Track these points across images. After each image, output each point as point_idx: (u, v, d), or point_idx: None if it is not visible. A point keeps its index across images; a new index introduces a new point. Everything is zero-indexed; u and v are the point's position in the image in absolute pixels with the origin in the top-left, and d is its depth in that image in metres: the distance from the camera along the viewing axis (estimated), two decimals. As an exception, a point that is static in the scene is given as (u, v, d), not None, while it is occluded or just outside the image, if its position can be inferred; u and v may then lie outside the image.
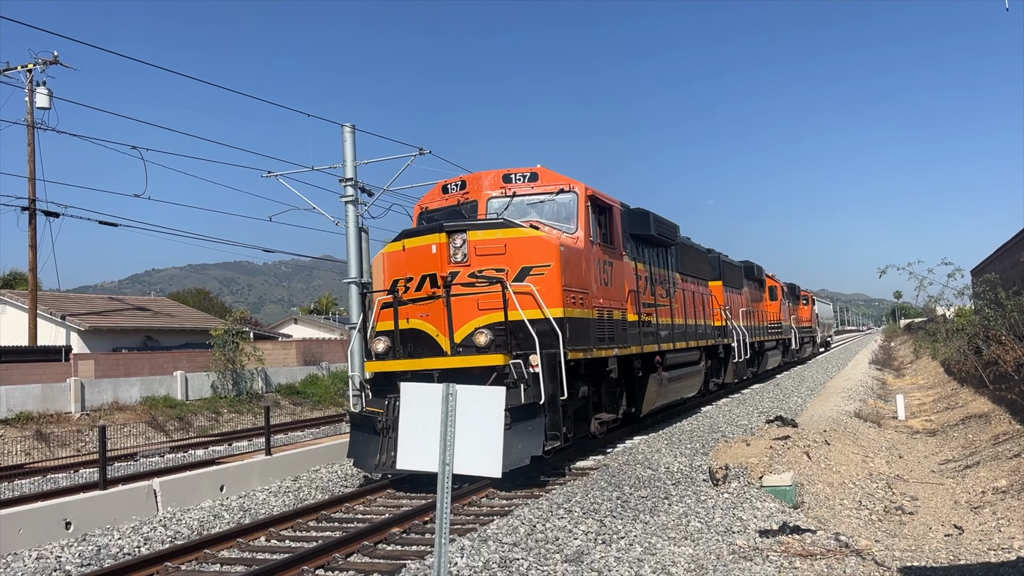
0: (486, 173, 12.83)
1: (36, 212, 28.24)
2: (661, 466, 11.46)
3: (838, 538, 8.07)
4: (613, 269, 13.40)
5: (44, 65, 28.75)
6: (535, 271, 11.01)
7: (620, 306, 13.52)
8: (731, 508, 8.85)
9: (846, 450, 13.61)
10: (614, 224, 13.68)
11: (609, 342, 12.75)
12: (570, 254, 11.59)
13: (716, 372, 22.00)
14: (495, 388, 5.60)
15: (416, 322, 11.19)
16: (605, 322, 12.64)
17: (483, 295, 10.83)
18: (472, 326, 10.77)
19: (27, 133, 28.42)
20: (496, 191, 12.53)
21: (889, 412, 20.35)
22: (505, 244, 11.07)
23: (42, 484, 13.69)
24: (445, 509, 5.38)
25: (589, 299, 12.09)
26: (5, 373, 23.31)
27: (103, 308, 37.08)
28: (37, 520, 8.87)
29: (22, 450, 19.86)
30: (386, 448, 10.70)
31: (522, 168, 12.68)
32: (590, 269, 12.30)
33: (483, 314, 10.83)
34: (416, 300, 11.19)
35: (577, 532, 7.87)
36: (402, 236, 11.71)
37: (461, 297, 10.91)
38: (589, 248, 12.39)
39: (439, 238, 11.09)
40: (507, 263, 10.97)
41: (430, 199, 13.44)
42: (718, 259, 22.93)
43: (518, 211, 12.31)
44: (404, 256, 11.44)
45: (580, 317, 11.66)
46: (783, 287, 35.00)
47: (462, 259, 11.03)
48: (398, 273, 11.42)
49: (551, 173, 12.65)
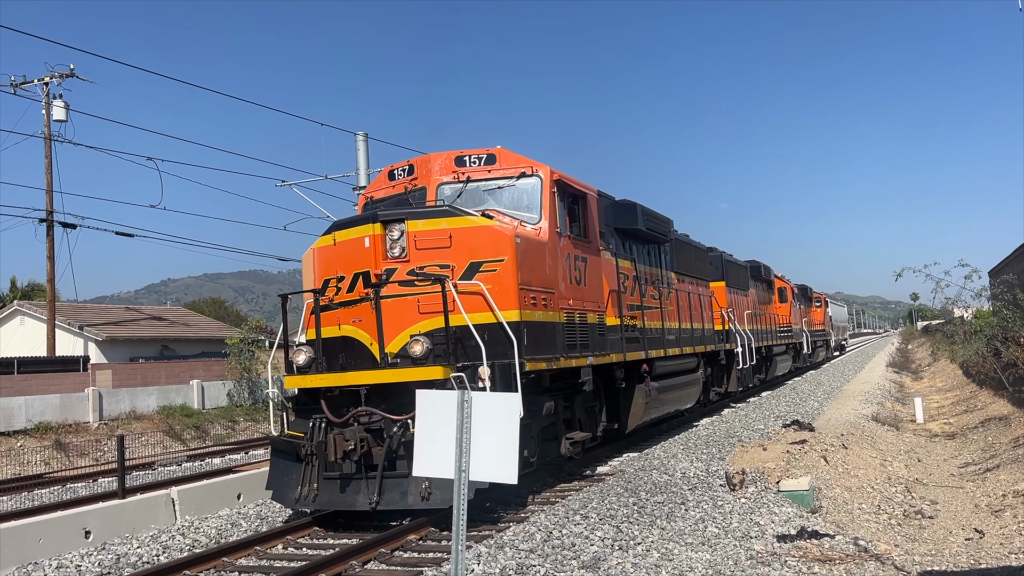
0: (436, 155, 11.15)
1: (54, 224, 28.56)
2: (677, 471, 11.42)
3: (857, 543, 8.01)
4: (588, 266, 11.76)
5: (60, 78, 29.11)
6: (486, 267, 9.44)
7: (597, 308, 11.87)
8: (748, 513, 8.80)
9: (864, 454, 13.51)
10: (589, 214, 11.98)
11: (582, 349, 11.12)
12: (529, 247, 9.98)
13: (718, 380, 20.54)
14: (510, 395, 5.60)
15: (348, 328, 9.59)
16: (576, 326, 11.05)
17: (425, 296, 9.28)
18: (411, 333, 9.23)
19: (44, 145, 28.77)
20: (448, 176, 10.89)
21: (907, 415, 20.20)
22: (450, 235, 9.51)
23: (61, 494, 13.79)
24: (462, 516, 5.39)
25: (555, 300, 10.50)
26: (24, 384, 23.54)
27: (120, 318, 37.37)
28: (57, 529, 8.93)
29: (41, 460, 20.02)
30: (309, 479, 9.14)
31: (478, 149, 11.00)
32: (556, 265, 10.70)
33: (425, 318, 9.28)
34: (346, 303, 9.60)
35: (594, 538, 7.85)
36: (333, 228, 10.15)
37: (398, 299, 9.36)
38: (556, 241, 10.74)
39: (372, 229, 9.53)
40: (453, 258, 9.45)
41: (376, 187, 11.82)
42: (720, 258, 21.57)
43: (473, 199, 10.68)
44: (335, 251, 9.89)
45: (542, 321, 10.09)
46: (793, 288, 33.46)
47: (400, 254, 9.50)
48: (328, 271, 9.89)
49: (512, 155, 10.99)
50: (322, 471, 9.04)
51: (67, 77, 29.16)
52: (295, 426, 9.74)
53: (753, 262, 26.34)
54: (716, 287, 20.38)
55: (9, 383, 23.37)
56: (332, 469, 8.95)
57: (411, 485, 8.63)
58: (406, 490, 8.70)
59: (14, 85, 28.69)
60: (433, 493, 8.47)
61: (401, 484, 8.73)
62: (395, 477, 8.78)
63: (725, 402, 21.69)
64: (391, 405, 8.98)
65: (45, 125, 28.99)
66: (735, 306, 21.90)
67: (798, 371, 34.39)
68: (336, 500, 9.03)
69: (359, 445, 8.77)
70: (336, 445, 8.81)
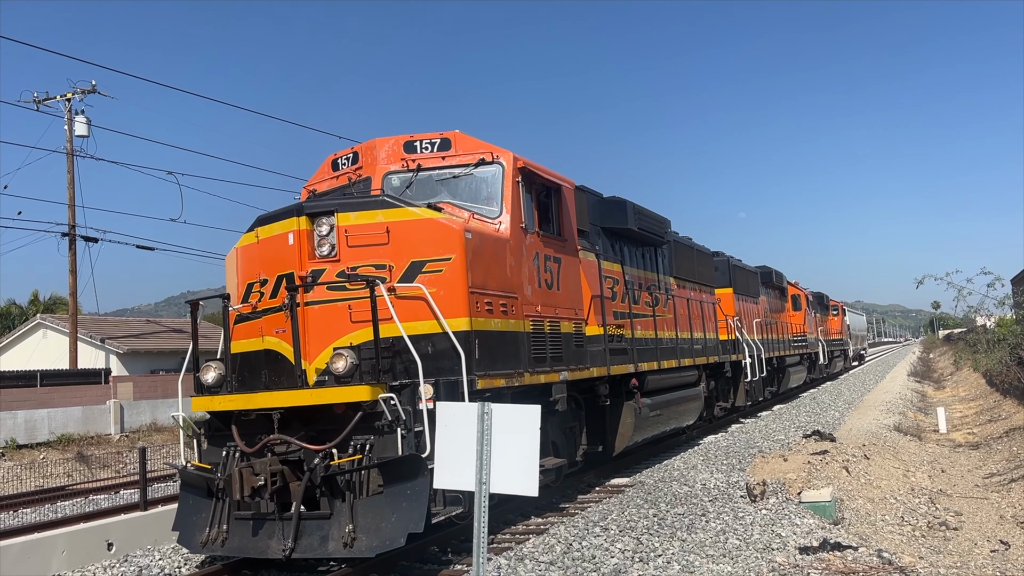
0: (383, 140, 9.84)
1: (76, 238, 28.91)
2: (697, 482, 11.36)
3: (881, 555, 7.92)
4: (562, 267, 10.41)
5: (82, 94, 29.56)
6: (429, 267, 8.14)
7: (573, 315, 10.54)
8: (770, 524, 8.74)
9: (886, 464, 13.39)
10: (564, 209, 10.62)
11: (553, 363, 9.78)
12: (484, 244, 8.67)
13: (724, 394, 19.04)
14: (531, 407, 5.53)
15: (272, 340, 8.20)
16: (546, 336, 9.71)
17: (357, 302, 7.95)
18: (337, 345, 7.89)
19: (67, 161, 29.18)
20: (396, 164, 9.63)
21: (930, 425, 20.00)
22: (388, 230, 8.20)
23: (84, 505, 13.89)
24: (483, 528, 5.40)
25: (518, 305, 9.16)
26: (47, 396, 23.80)
27: (141, 331, 37.71)
28: (80, 541, 9.00)
29: (64, 472, 20.20)
30: (219, 518, 7.75)
31: (431, 133, 9.74)
32: (520, 266, 9.35)
33: (358, 327, 7.95)
34: (268, 311, 8.22)
35: (614, 550, 7.82)
36: (256, 223, 8.73)
37: (326, 305, 8.05)
38: (520, 238, 9.38)
39: (297, 224, 8.18)
40: (391, 256, 8.17)
41: (318, 178, 10.43)
42: (727, 262, 20.15)
43: (424, 190, 9.40)
44: (258, 250, 8.57)
45: (500, 330, 8.75)
46: (808, 296, 32.26)
47: (329, 252, 8.20)
48: (251, 274, 8.55)
49: (470, 139, 9.69)
50: (233, 509, 7.65)
51: (89, 93, 29.62)
52: (208, 455, 8.31)
53: (764, 268, 25.12)
54: (722, 294, 19.12)
55: (32, 396, 23.63)
56: (246, 507, 7.55)
57: (333, 528, 7.29)
58: (327, 534, 7.31)
59: (37, 101, 29.15)
60: (358, 538, 7.16)
61: (322, 527, 7.35)
62: (315, 519, 7.40)
63: (733, 418, 20.37)
64: (312, 431, 7.64)
65: (68, 141, 29.43)
66: (744, 314, 20.62)
67: (814, 383, 33.22)
68: (246, 546, 7.59)
69: (270, 480, 7.33)
70: (243, 479, 7.34)
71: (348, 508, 7.25)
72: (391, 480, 7.20)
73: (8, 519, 12.76)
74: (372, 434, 7.46)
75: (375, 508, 7.20)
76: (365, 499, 7.25)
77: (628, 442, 12.15)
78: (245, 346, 8.49)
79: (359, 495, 7.26)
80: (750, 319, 21.22)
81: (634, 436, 12.21)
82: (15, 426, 22.01)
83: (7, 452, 21.42)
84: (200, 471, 8.08)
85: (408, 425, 7.42)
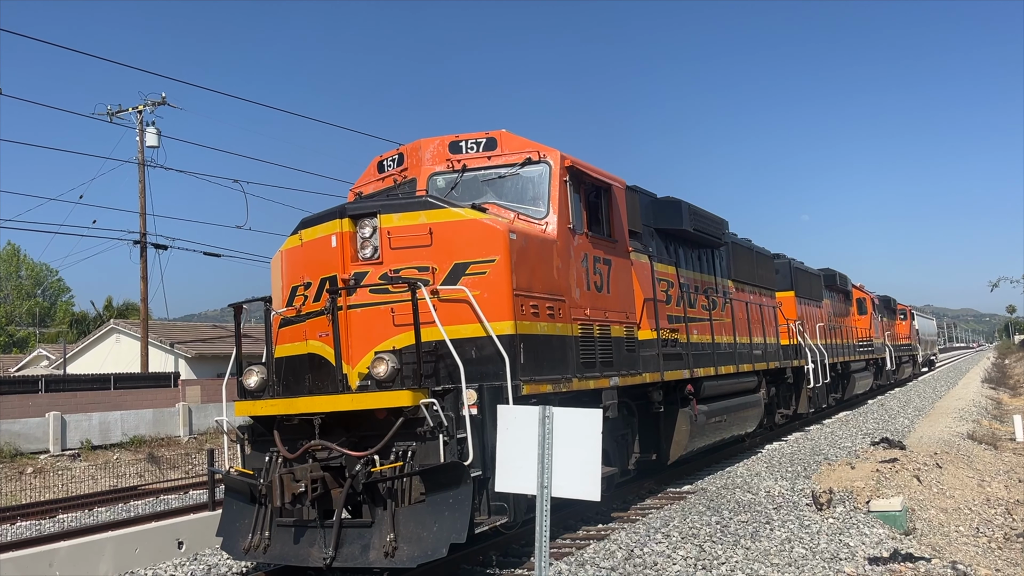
0: (428, 141, 9.63)
1: (147, 245, 29.88)
2: (761, 490, 11.15)
3: (955, 567, 7.66)
4: (612, 269, 10.16)
5: (153, 106, 30.58)
6: (473, 269, 7.93)
7: (624, 319, 10.23)
8: (837, 534, 8.53)
9: (960, 473, 12.96)
10: (614, 209, 10.33)
11: (604, 368, 9.49)
12: (529, 245, 8.40)
13: (785, 401, 18.38)
14: (592, 410, 5.51)
15: (315, 345, 8.07)
16: (595, 340, 9.45)
17: (400, 305, 7.71)
18: (381, 349, 7.72)
19: (138, 171, 30.19)
20: (441, 165, 9.45)
21: (1006, 433, 19.27)
22: (431, 231, 8.00)
23: (155, 505, 14.32)
24: (545, 533, 5.40)
25: (566, 308, 8.91)
26: (120, 399, 24.63)
27: (208, 336, 38.74)
28: (152, 540, 9.30)
29: (135, 472, 20.87)
30: (262, 524, 7.58)
31: (476, 133, 9.53)
32: (568, 268, 9.09)
33: (400, 331, 7.73)
34: (313, 314, 8.07)
35: (676, 557, 7.72)
36: (300, 225, 8.58)
37: (369, 309, 7.87)
38: (567, 238, 9.14)
39: (340, 226, 8.04)
40: (434, 258, 7.96)
41: (364, 180, 10.28)
42: (789, 265, 19.50)
43: (470, 191, 9.20)
44: (302, 253, 8.43)
45: (546, 334, 8.48)
46: (874, 299, 31.21)
47: (372, 254, 8.02)
48: (295, 278, 8.39)
49: (516, 138, 9.45)
50: (276, 516, 7.53)
51: (159, 105, 30.62)
52: (251, 460, 8.19)
53: (827, 270, 24.43)
54: (783, 297, 18.56)
55: (106, 398, 24.48)
56: (288, 514, 7.44)
57: (374, 537, 7.11)
58: (368, 543, 7.11)
59: (110, 114, 30.28)
60: (400, 548, 6.95)
61: (363, 535, 7.16)
62: (356, 527, 7.24)
63: (795, 425, 19.81)
64: (354, 437, 7.51)
65: (139, 151, 30.45)
66: (806, 318, 20.05)
67: (880, 389, 32.18)
68: (288, 553, 7.46)
69: (310, 487, 7.18)
70: (284, 486, 7.19)
71: (389, 516, 7.05)
72: (433, 488, 7.01)
73: (84, 517, 13.24)
74: (414, 440, 7.26)
75: (417, 517, 7.00)
76: (407, 507, 7.06)
77: (684, 450, 11.81)
78: (289, 350, 8.38)
79: (401, 503, 7.08)
80: (813, 323, 20.64)
81: (690, 444, 11.88)
82: (90, 428, 22.83)
83: (83, 453, 22.23)
84: (243, 476, 7.94)
85: (451, 431, 7.22)
